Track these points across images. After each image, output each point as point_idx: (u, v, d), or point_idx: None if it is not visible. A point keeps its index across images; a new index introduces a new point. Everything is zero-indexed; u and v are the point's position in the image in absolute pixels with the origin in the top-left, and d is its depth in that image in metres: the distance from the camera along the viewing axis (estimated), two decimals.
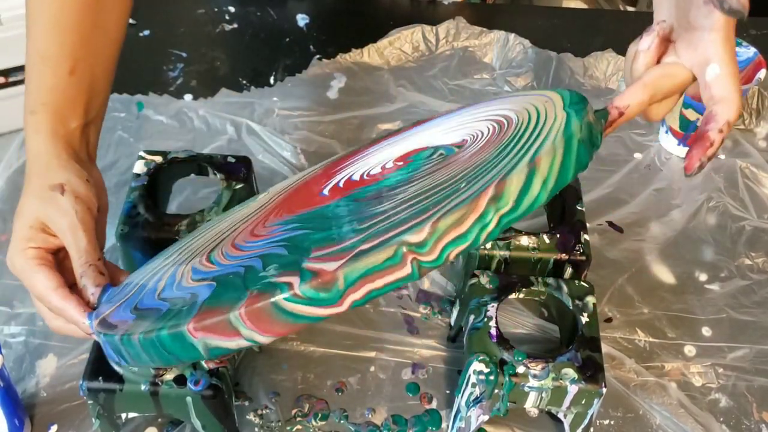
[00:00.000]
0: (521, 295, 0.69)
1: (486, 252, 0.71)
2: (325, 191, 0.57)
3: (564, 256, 0.71)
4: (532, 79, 1.02)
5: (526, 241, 0.71)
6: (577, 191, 0.76)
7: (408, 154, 0.58)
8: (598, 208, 0.88)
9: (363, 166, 0.59)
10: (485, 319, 0.65)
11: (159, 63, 1.02)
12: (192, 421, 0.64)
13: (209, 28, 1.08)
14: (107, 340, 0.51)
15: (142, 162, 0.75)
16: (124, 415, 0.64)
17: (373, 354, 0.73)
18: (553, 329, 0.74)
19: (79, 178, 0.59)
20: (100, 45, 0.64)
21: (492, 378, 0.62)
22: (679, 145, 0.94)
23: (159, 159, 0.75)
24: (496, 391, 0.62)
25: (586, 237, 0.72)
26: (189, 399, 0.61)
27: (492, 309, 0.66)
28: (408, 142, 0.61)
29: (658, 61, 0.58)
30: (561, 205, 0.75)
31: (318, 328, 0.74)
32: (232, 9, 1.11)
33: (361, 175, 0.57)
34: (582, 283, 0.69)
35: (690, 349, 0.76)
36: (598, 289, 0.71)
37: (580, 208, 0.74)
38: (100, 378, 0.61)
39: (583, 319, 0.66)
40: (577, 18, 1.20)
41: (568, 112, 0.51)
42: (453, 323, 0.74)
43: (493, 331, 0.64)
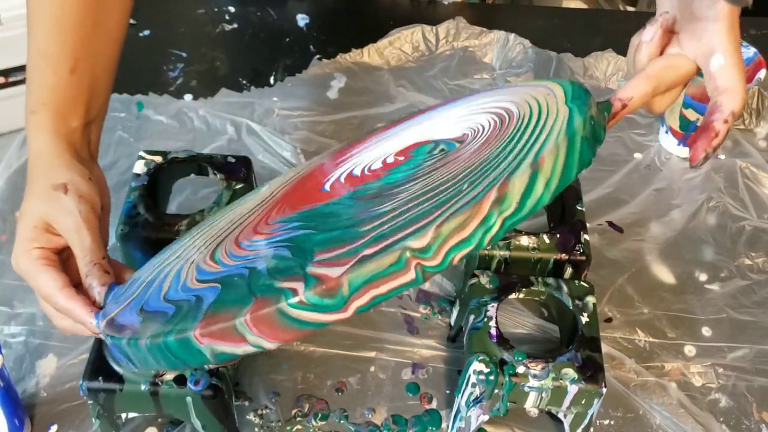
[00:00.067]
0: (521, 295, 0.69)
1: (486, 252, 0.71)
2: (327, 186, 0.57)
3: (564, 256, 0.71)
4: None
5: (526, 241, 0.71)
6: (577, 191, 0.76)
7: (408, 148, 0.58)
8: (598, 208, 0.88)
9: (364, 159, 0.59)
10: (485, 319, 0.65)
11: (159, 63, 1.02)
12: (192, 421, 0.64)
13: (209, 28, 1.08)
14: (115, 343, 0.51)
15: (142, 162, 0.75)
16: (124, 415, 0.64)
17: (373, 354, 0.73)
18: (553, 329, 0.74)
19: (81, 177, 0.59)
20: (100, 44, 0.64)
21: (492, 378, 0.62)
22: (679, 145, 0.93)
23: (159, 159, 0.75)
24: (496, 391, 0.62)
25: (586, 237, 0.72)
26: (189, 399, 0.61)
27: (492, 309, 0.66)
28: (408, 133, 0.61)
29: (661, 53, 0.57)
30: (561, 205, 0.75)
31: None
32: (232, 9, 1.11)
33: (362, 169, 0.57)
34: (582, 283, 0.69)
35: (690, 349, 0.76)
36: (598, 289, 0.71)
37: (580, 208, 0.74)
38: (100, 378, 0.61)
39: (583, 319, 0.66)
40: (577, 18, 1.20)
41: (571, 108, 0.50)
42: (453, 323, 0.74)
43: (493, 331, 0.64)
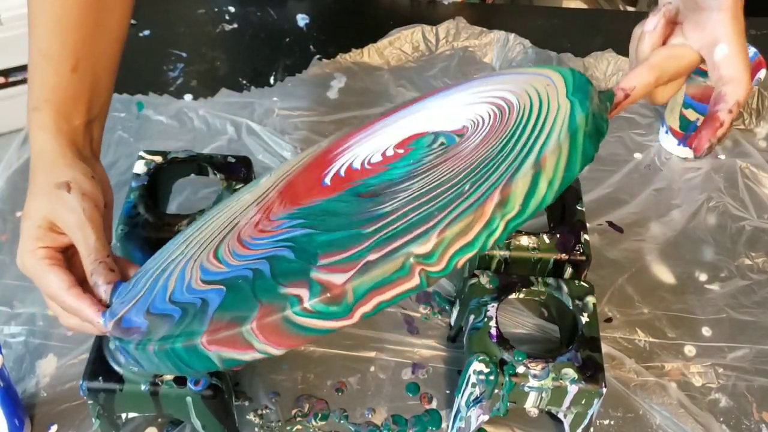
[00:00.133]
0: (521, 295, 0.69)
1: (486, 252, 0.70)
2: (327, 180, 0.57)
3: (564, 256, 0.71)
4: None
5: (526, 241, 0.71)
6: (577, 191, 0.76)
7: (408, 140, 0.57)
8: (598, 208, 0.87)
9: (363, 151, 0.59)
10: (485, 319, 0.65)
11: (159, 63, 1.02)
12: (192, 421, 0.64)
13: (209, 28, 1.08)
14: (123, 346, 0.52)
15: (142, 162, 0.75)
16: (124, 415, 0.64)
17: (373, 354, 0.73)
18: (553, 329, 0.74)
19: (84, 176, 0.59)
20: (102, 44, 0.64)
21: (492, 378, 0.62)
22: (679, 145, 0.93)
23: (159, 159, 0.75)
24: (496, 391, 0.62)
25: (586, 237, 0.72)
26: (189, 399, 0.61)
27: (492, 309, 0.66)
28: (407, 122, 0.61)
29: (664, 44, 0.57)
30: (561, 205, 0.75)
31: None
32: (232, 9, 1.11)
33: (362, 162, 0.57)
34: (582, 283, 0.69)
35: (690, 349, 0.76)
36: (598, 289, 0.71)
37: (580, 208, 0.74)
38: (100, 378, 0.61)
39: (583, 319, 0.66)
40: (577, 18, 1.20)
41: (572, 101, 0.49)
42: (453, 323, 0.74)
43: (493, 331, 0.64)
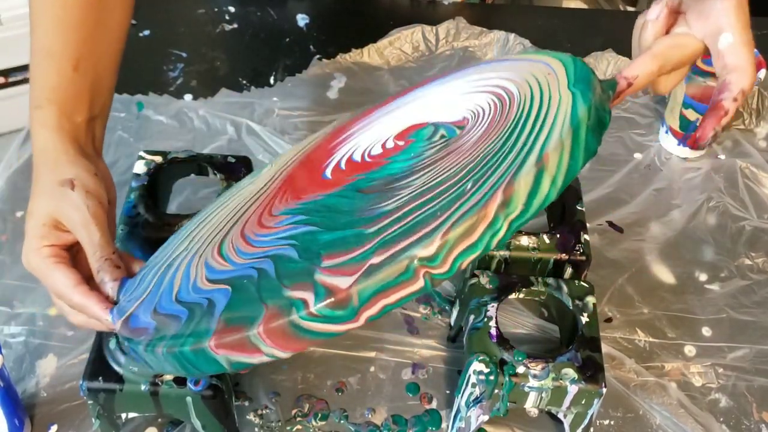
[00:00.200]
0: (521, 295, 0.69)
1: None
2: (328, 172, 0.57)
3: (564, 256, 0.71)
4: None
5: (526, 241, 0.71)
6: (577, 191, 0.76)
7: (407, 131, 0.57)
8: (598, 208, 0.88)
9: (363, 141, 0.59)
10: (485, 319, 0.65)
11: (159, 63, 1.02)
12: (192, 421, 0.64)
13: (209, 28, 1.08)
14: (132, 347, 0.52)
15: (142, 162, 0.75)
16: (124, 415, 0.64)
17: (373, 354, 0.73)
18: (553, 329, 0.74)
19: (87, 173, 0.59)
20: (103, 43, 0.64)
21: (492, 378, 0.62)
22: (679, 145, 0.93)
23: (159, 159, 0.75)
24: (496, 391, 0.62)
25: (586, 237, 0.72)
26: (189, 399, 0.61)
27: (492, 309, 0.66)
28: (406, 111, 0.61)
29: (667, 33, 0.57)
30: (561, 205, 0.75)
31: None
32: (232, 9, 1.11)
33: (362, 154, 0.57)
34: (582, 283, 0.69)
35: (690, 349, 0.76)
36: (598, 289, 0.71)
37: (580, 208, 0.74)
38: (100, 378, 0.61)
39: (583, 319, 0.66)
40: (577, 18, 1.20)
41: (574, 93, 0.49)
42: (453, 323, 0.74)
43: (493, 331, 0.64)
